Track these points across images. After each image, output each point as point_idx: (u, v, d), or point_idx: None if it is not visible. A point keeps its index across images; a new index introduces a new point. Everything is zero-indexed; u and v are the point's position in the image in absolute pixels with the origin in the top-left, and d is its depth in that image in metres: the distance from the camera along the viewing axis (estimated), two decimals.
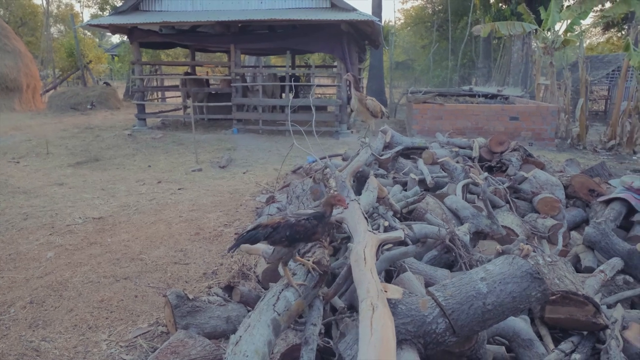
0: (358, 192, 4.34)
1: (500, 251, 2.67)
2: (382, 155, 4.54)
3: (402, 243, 3.14)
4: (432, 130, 10.22)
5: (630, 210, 4.03)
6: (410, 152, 4.79)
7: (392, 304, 1.94)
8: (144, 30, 11.06)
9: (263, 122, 11.25)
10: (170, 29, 11.01)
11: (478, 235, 3.27)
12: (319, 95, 20.28)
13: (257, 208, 5.93)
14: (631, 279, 3.14)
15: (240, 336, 1.84)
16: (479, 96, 13.59)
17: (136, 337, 3.08)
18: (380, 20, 20.24)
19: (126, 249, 4.64)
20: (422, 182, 3.95)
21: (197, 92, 12.96)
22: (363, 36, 12.66)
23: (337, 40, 10.19)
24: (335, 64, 11.97)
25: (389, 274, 2.73)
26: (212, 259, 4.40)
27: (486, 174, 4.03)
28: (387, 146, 5.17)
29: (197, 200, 6.40)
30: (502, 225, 3.53)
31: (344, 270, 2.31)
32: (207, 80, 14.91)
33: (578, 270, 3.48)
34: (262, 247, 3.04)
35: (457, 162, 5.10)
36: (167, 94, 20.55)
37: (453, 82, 24.80)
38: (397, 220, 3.10)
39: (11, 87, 20.26)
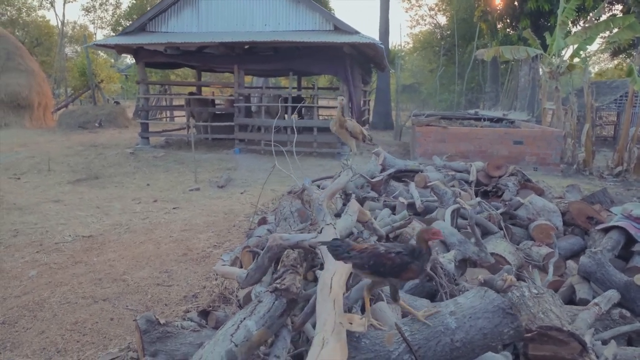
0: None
1: (482, 281, 2.53)
2: (373, 178, 4.44)
3: None
4: (435, 153, 10.08)
5: (630, 239, 3.85)
6: (404, 175, 4.68)
7: (356, 338, 1.81)
8: (149, 50, 11.21)
9: (265, 142, 11.24)
10: (175, 50, 11.16)
11: (466, 263, 3.12)
12: (326, 117, 20.35)
13: (250, 229, 5.82)
14: (628, 313, 2.96)
15: None
16: (484, 120, 13.49)
17: None
18: (387, 44, 20.42)
19: (110, 268, 4.54)
20: (412, 206, 3.83)
21: (200, 112, 13.03)
22: (368, 59, 12.71)
23: (340, 63, 10.22)
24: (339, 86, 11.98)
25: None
26: (196, 281, 4.27)
27: (478, 199, 3.90)
28: (384, 169, 5.06)
29: (191, 220, 6.30)
30: (493, 253, 3.38)
31: (312, 298, 2.18)
32: (213, 100, 15.01)
33: (573, 302, 3.31)
34: (238, 271, 2.92)
35: (453, 186, 4.98)
36: (176, 113, 20.76)
37: (461, 105, 24.79)
38: None
39: (23, 105, 20.62)
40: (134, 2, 27.37)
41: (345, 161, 3.55)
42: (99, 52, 31.26)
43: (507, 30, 19.21)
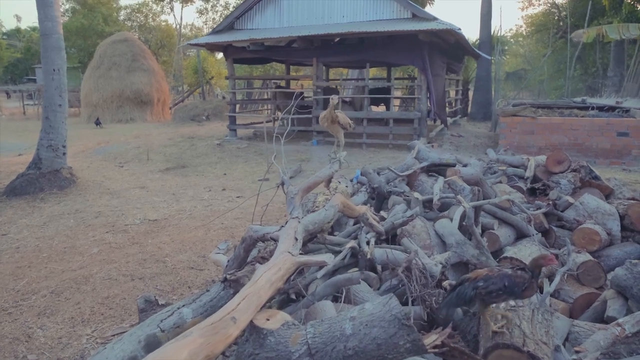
0: (377, 210, 4.08)
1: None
2: (403, 172, 4.22)
3: (374, 269, 2.88)
4: (521, 146, 9.26)
5: None
6: (440, 170, 4.37)
7: (263, 335, 1.77)
8: (237, 47, 11.85)
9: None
10: (259, 46, 11.64)
11: (467, 267, 2.83)
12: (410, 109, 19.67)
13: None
14: None
15: (105, 347, 1.82)
16: (592, 108, 11.97)
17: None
18: (489, 29, 19.03)
19: (158, 250, 4.95)
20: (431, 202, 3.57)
21: (287, 105, 13.45)
22: (454, 46, 12.00)
23: (416, 51, 9.79)
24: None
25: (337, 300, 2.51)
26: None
27: (509, 197, 3.49)
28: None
29: (247, 209, 6.58)
30: (507, 257, 3.04)
31: None
32: (301, 94, 15.39)
33: (601, 319, 2.86)
34: (225, 260, 3.00)
35: (500, 182, 4.55)
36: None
37: (581, 92, 22.22)
38: (368, 244, 2.83)
39: (145, 101, 23.19)
40: (238, 2, 29.05)
41: (334, 154, 3.42)
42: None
43: (634, 3, 16.70)
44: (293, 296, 2.64)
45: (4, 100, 33.11)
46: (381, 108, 16.47)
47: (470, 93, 20.71)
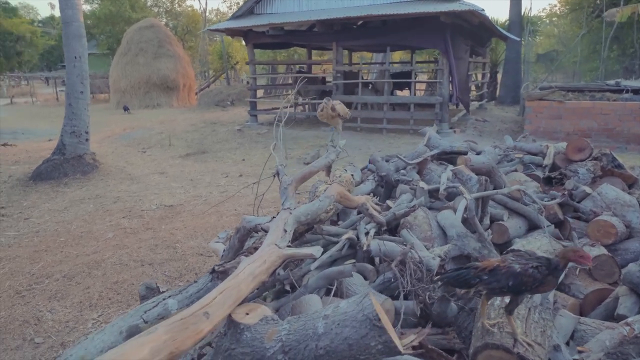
0: (385, 199, 4.00)
1: (440, 283, 2.19)
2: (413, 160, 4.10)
3: (372, 261, 2.81)
4: (547, 131, 8.92)
5: None
6: (451, 158, 4.22)
7: (240, 330, 1.75)
8: (257, 32, 11.78)
9: (362, 119, 11.08)
10: (279, 30, 11.52)
11: (470, 261, 2.73)
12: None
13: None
14: None
15: (86, 337, 1.83)
16: (626, 91, 11.39)
17: None
18: (519, 8, 18.30)
19: (170, 236, 5.01)
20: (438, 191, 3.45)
21: (308, 90, 13.35)
22: (478, 28, 11.56)
23: (438, 34, 9.48)
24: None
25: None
26: None
27: (519, 187, 3.34)
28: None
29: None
30: (521, 251, 2.91)
31: None
32: (323, 78, 15.24)
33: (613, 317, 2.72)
34: (220, 247, 2.99)
35: (516, 170, 4.37)
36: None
37: (618, 74, 21.20)
38: (366, 235, 2.76)
39: (171, 87, 23.48)
40: None
41: (331, 142, 3.33)
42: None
43: None
44: (288, 288, 2.61)
45: (41, 87, 34.20)
46: (406, 92, 16.15)
47: (499, 76, 20.04)
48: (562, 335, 2.48)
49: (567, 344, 2.50)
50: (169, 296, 2.14)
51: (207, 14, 32.98)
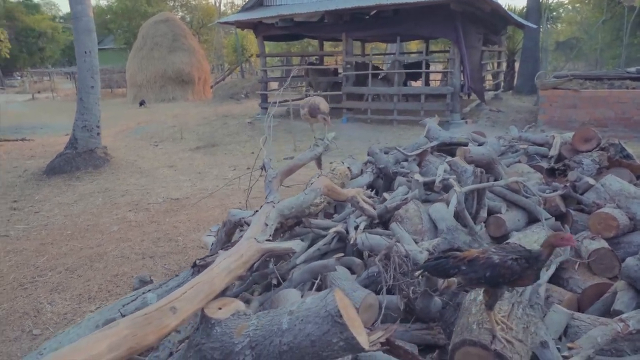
0: (384, 191, 3.95)
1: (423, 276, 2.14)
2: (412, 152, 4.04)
3: (364, 255, 2.78)
4: (562, 120, 8.69)
5: None
6: (451, 149, 4.14)
7: (210, 325, 1.74)
8: (267, 24, 11.73)
9: (372, 111, 10.97)
10: (288, 22, 11.46)
11: None
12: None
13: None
14: None
15: (62, 332, 1.85)
16: None
17: None
18: None
19: (173, 229, 5.05)
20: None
21: (319, 82, 13.27)
22: (493, 16, 11.29)
23: (448, 23, 9.28)
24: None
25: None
26: None
27: (516, 178, 3.25)
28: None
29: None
30: (509, 243, 2.84)
31: None
32: (335, 70, 15.12)
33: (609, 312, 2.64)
34: (211, 240, 3.00)
35: (519, 161, 4.27)
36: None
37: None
38: (357, 228, 2.73)
39: (186, 80, 23.63)
40: None
41: (320, 134, 3.29)
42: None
43: None
44: (274, 282, 2.60)
45: (62, 82, 34.86)
46: (420, 83, 15.92)
47: (517, 65, 19.59)
48: (553, 331, 2.42)
49: (560, 339, 2.43)
50: (149, 290, 2.15)
51: (222, 7, 33.09)
